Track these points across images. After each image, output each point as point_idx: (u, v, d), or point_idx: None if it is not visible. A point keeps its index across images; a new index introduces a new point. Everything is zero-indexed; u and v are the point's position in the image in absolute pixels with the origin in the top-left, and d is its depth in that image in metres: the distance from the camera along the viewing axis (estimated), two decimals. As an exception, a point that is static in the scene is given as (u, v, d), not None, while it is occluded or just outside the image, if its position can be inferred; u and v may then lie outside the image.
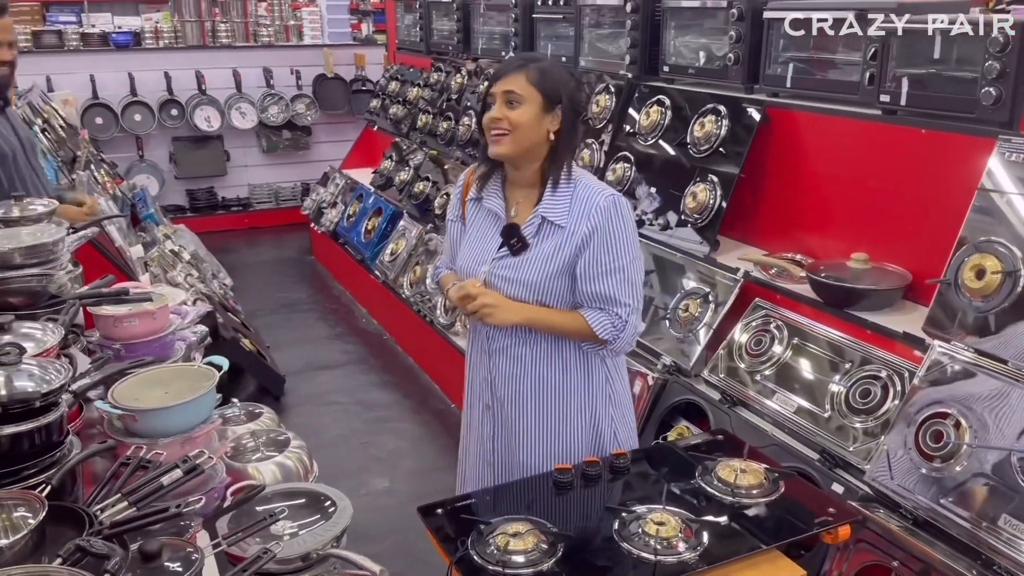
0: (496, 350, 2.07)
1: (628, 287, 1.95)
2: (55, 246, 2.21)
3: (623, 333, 1.96)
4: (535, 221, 1.96)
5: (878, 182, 2.67)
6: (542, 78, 1.91)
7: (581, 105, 2.02)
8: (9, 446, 1.47)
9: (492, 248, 1.99)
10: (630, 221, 1.97)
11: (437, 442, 3.95)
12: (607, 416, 2.13)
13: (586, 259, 1.93)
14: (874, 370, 2.36)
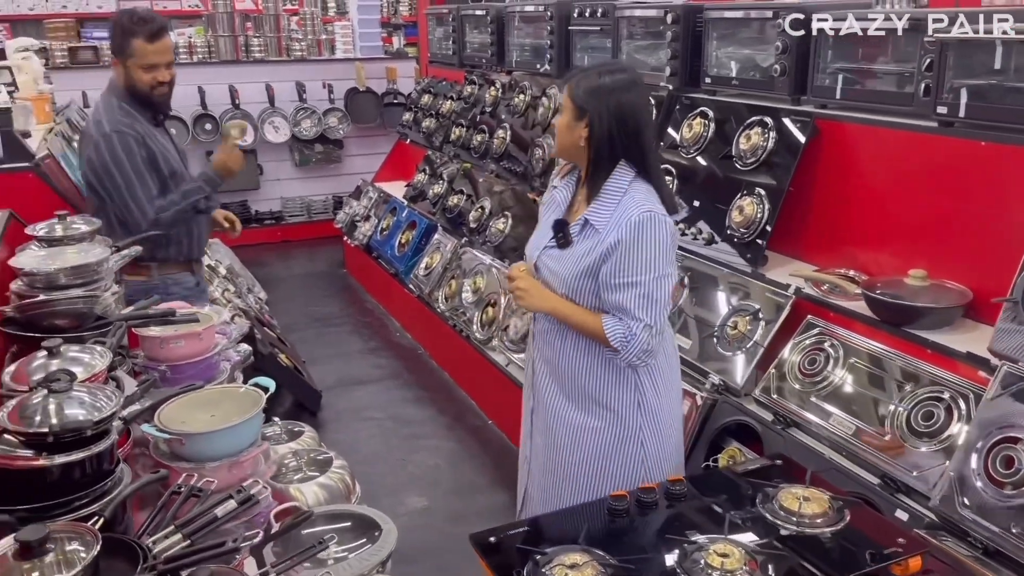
0: (539, 332, 2.23)
1: (644, 302, 2.00)
2: (99, 266, 2.20)
3: (631, 345, 2.03)
4: (580, 222, 2.08)
5: (935, 196, 2.59)
6: (577, 89, 2.05)
7: (623, 120, 2.03)
8: (59, 476, 1.44)
9: (547, 237, 2.14)
10: (661, 240, 2.00)
11: (474, 460, 3.89)
12: (635, 424, 2.15)
13: (609, 267, 2.02)
14: (936, 391, 2.28)
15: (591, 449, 2.18)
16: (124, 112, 2.83)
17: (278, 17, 7.49)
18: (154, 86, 2.82)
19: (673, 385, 2.22)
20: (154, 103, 2.87)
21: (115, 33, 2.82)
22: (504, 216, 4.52)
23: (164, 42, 2.81)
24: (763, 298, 2.84)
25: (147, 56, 2.77)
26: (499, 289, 4.14)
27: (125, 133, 2.79)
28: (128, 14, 2.81)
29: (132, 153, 2.79)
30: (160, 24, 2.81)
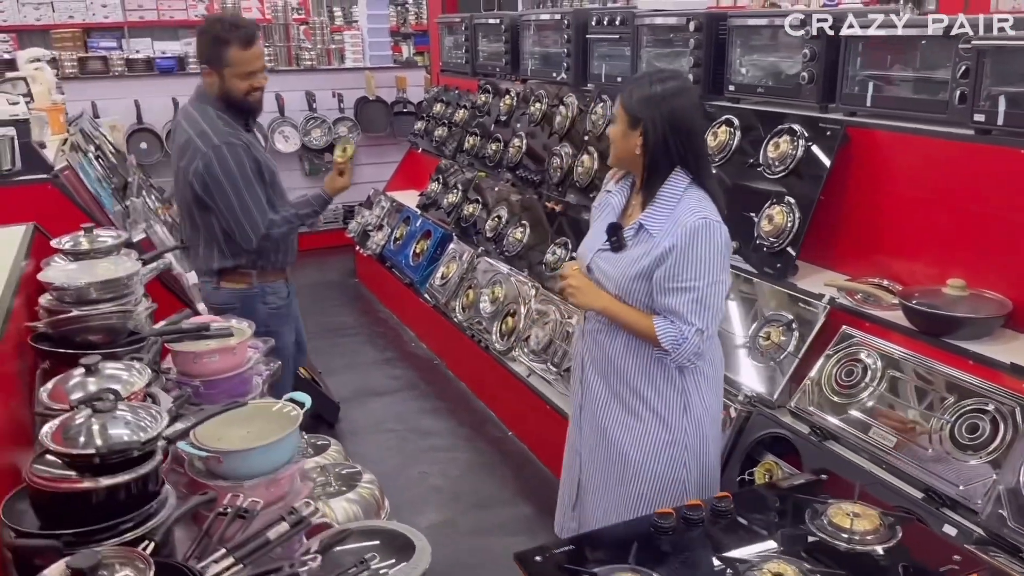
0: (588, 332, 2.29)
1: (697, 307, 2.05)
2: (130, 280, 2.17)
3: (682, 348, 2.08)
4: (635, 226, 2.13)
5: (971, 205, 2.55)
6: (630, 99, 2.10)
7: (676, 128, 2.07)
8: (105, 498, 1.40)
9: (601, 239, 2.20)
10: (716, 246, 2.05)
11: (495, 472, 3.85)
12: (679, 426, 2.19)
13: (663, 271, 2.07)
14: (980, 403, 2.23)
15: (635, 446, 2.23)
16: (225, 122, 2.83)
17: (287, 26, 7.47)
18: (250, 92, 2.82)
19: (716, 393, 2.26)
20: (249, 108, 2.88)
21: (206, 42, 2.78)
22: (521, 225, 4.49)
23: (257, 47, 2.81)
24: (796, 308, 2.80)
25: (244, 63, 2.75)
26: (519, 299, 4.10)
27: (234, 144, 2.79)
28: (218, 22, 2.80)
29: (243, 165, 2.80)
30: (252, 29, 2.79)
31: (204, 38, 2.80)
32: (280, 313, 3.07)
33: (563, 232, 4.22)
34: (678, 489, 2.22)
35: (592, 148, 4.14)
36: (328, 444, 2.85)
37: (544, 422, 3.72)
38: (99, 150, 4.60)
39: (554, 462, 3.79)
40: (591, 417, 2.32)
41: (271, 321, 3.03)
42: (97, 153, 4.41)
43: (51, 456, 1.43)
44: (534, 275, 4.18)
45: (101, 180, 3.95)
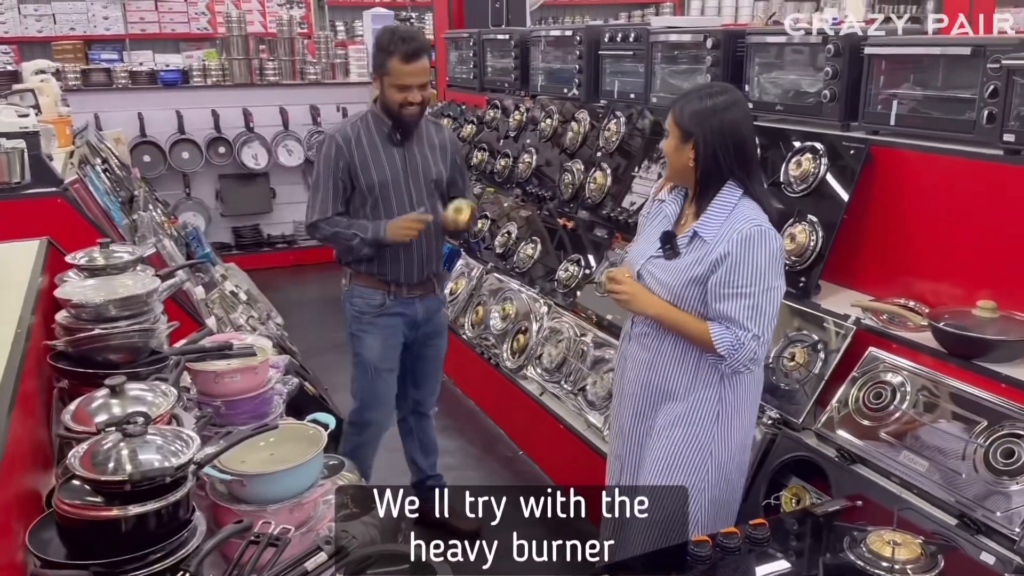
0: (635, 335, 2.31)
1: (753, 313, 2.06)
2: (149, 297, 2.11)
3: (738, 354, 2.09)
4: (689, 234, 2.16)
5: (1000, 226, 2.52)
6: (681, 114, 2.13)
7: (727, 141, 2.10)
8: (134, 527, 1.34)
9: (653, 247, 2.22)
10: (770, 253, 2.07)
11: (507, 492, 3.78)
12: (708, 434, 2.21)
13: (717, 278, 2.09)
14: (1014, 427, 2.20)
15: (664, 448, 2.25)
16: (363, 121, 2.96)
17: (292, 40, 7.46)
18: (403, 105, 2.85)
19: (750, 406, 2.28)
20: (403, 122, 2.91)
21: (376, 50, 2.89)
22: (532, 241, 4.45)
23: (420, 63, 2.84)
24: (821, 329, 2.76)
25: (401, 76, 2.82)
26: (530, 316, 4.06)
27: (333, 138, 2.95)
28: (389, 32, 2.87)
29: (329, 158, 2.93)
30: (418, 45, 2.83)
31: (376, 45, 2.90)
32: (364, 320, 3.07)
33: (576, 248, 4.18)
34: (696, 497, 2.21)
35: (605, 165, 4.11)
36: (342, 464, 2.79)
37: (556, 441, 3.66)
38: (105, 163, 4.56)
39: (566, 482, 3.74)
40: (631, 420, 2.35)
41: (353, 325, 3.12)
42: (104, 166, 4.36)
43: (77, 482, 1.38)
44: (545, 292, 4.14)
45: (109, 193, 3.90)
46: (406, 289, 3.06)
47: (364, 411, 3.24)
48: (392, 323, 3.08)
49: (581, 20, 10.40)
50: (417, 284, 3.07)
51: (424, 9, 9.25)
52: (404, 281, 3.04)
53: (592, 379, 3.50)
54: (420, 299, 3.10)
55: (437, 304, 3.20)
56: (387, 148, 2.95)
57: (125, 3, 8.55)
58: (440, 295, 3.21)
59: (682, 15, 10.61)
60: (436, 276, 3.15)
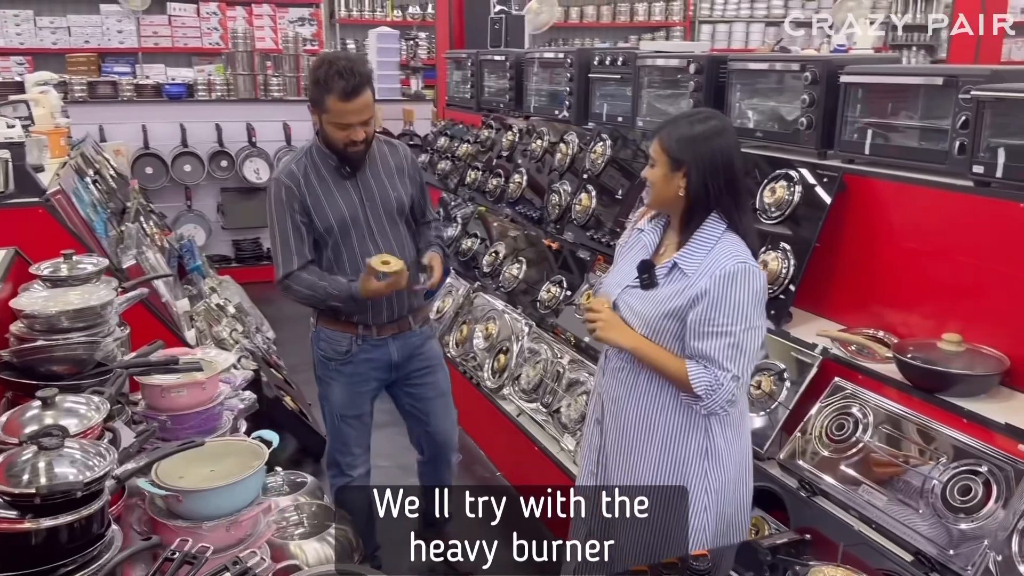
0: (610, 370, 2.23)
1: (733, 352, 1.98)
2: (103, 309, 2.12)
3: (716, 395, 2.01)
4: (668, 265, 2.09)
5: (970, 258, 2.50)
6: (670, 141, 2.04)
7: (717, 170, 2.02)
8: (45, 540, 1.35)
9: (630, 276, 2.15)
10: (753, 292, 1.99)
11: (483, 513, 3.76)
12: (700, 470, 2.11)
13: (697, 314, 2.01)
14: (973, 464, 2.16)
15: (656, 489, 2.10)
16: (308, 156, 2.71)
17: (298, 57, 7.53)
18: (347, 144, 2.63)
19: (742, 436, 2.17)
20: (348, 159, 2.68)
21: (311, 83, 2.64)
22: (518, 261, 4.45)
23: (361, 100, 2.56)
24: (788, 357, 2.74)
25: (341, 115, 2.57)
26: (511, 336, 4.05)
27: (280, 182, 2.69)
28: (326, 65, 2.57)
29: (281, 204, 2.68)
30: (358, 81, 2.54)
31: (311, 79, 2.65)
32: (330, 367, 2.88)
33: (559, 270, 4.17)
34: (697, 536, 2.10)
35: (590, 186, 4.11)
36: (305, 482, 2.78)
37: (532, 464, 3.64)
38: (98, 174, 4.60)
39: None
40: (608, 460, 2.25)
41: (319, 368, 2.94)
42: (96, 177, 4.41)
43: (-7, 494, 1.39)
44: (528, 312, 4.13)
45: (96, 205, 3.94)
46: (376, 330, 2.82)
47: (334, 453, 3.05)
48: (359, 370, 2.87)
49: (591, 43, 10.44)
50: (388, 323, 2.84)
51: (431, 29, 9.33)
52: (373, 322, 2.81)
53: (567, 401, 3.48)
54: (393, 338, 2.86)
55: (418, 339, 2.94)
56: (339, 183, 2.71)
57: (139, 17, 8.68)
58: (420, 330, 2.94)
59: (692, 39, 10.64)
60: (412, 312, 2.90)
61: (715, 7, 10.98)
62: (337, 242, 2.71)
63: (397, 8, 9.89)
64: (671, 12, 10.89)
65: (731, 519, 2.16)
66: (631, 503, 2.17)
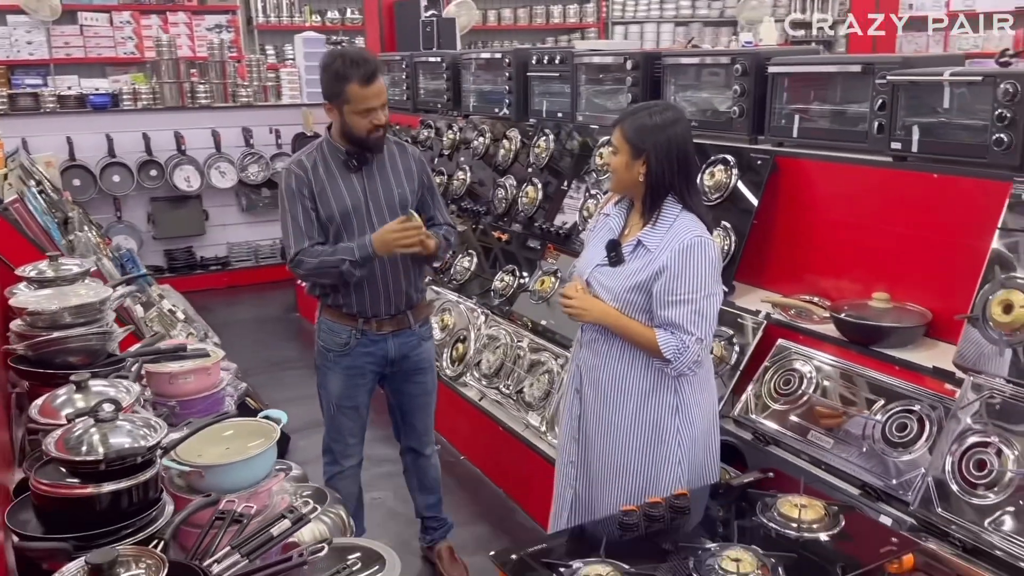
0: (586, 342, 2.43)
1: (696, 318, 2.22)
2: (102, 305, 2.21)
3: (683, 356, 2.24)
4: (633, 243, 2.31)
5: (892, 225, 2.79)
6: (632, 132, 2.27)
7: (673, 156, 2.26)
8: (108, 504, 1.45)
9: (600, 256, 2.37)
10: (709, 262, 2.24)
11: (450, 496, 3.90)
12: (672, 427, 2.34)
13: (660, 285, 2.23)
14: (907, 404, 2.44)
15: (631, 452, 2.36)
16: (319, 151, 2.82)
17: (224, 63, 7.50)
18: (370, 130, 2.73)
19: (708, 392, 2.41)
20: (370, 146, 2.78)
21: (327, 78, 2.71)
22: (468, 255, 4.61)
23: (379, 83, 2.71)
24: (735, 324, 2.99)
25: (363, 100, 2.67)
26: (468, 325, 4.21)
27: (291, 171, 2.80)
28: (340, 57, 2.70)
29: (292, 191, 2.78)
30: (374, 66, 2.70)
31: (326, 73, 2.72)
32: (329, 358, 2.96)
33: (510, 260, 4.36)
34: (672, 486, 2.29)
35: (536, 180, 4.31)
36: (289, 468, 2.88)
37: (497, 445, 3.82)
38: (40, 184, 4.56)
39: (508, 482, 3.89)
40: (589, 425, 2.44)
41: (319, 357, 3.02)
42: (39, 187, 4.38)
43: (51, 467, 1.49)
44: (482, 302, 4.30)
45: (47, 214, 3.93)
46: (375, 324, 2.90)
47: (329, 441, 3.18)
48: (357, 363, 2.95)
49: (509, 45, 10.67)
50: (387, 319, 2.91)
51: (354, 33, 9.38)
52: (372, 315, 2.88)
53: (529, 381, 3.67)
54: (393, 335, 2.94)
55: (416, 340, 3.01)
56: (345, 176, 2.81)
57: (49, 28, 8.48)
58: (418, 330, 3.01)
59: (606, 40, 10.99)
60: (412, 309, 2.97)
61: (627, 9, 11.37)
62: (339, 231, 2.81)
63: (316, 13, 9.91)
64: (585, 14, 11.23)
65: (703, 468, 2.38)
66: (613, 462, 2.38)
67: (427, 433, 3.28)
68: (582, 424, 2.47)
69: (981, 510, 2.10)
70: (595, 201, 3.80)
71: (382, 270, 2.83)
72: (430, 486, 3.34)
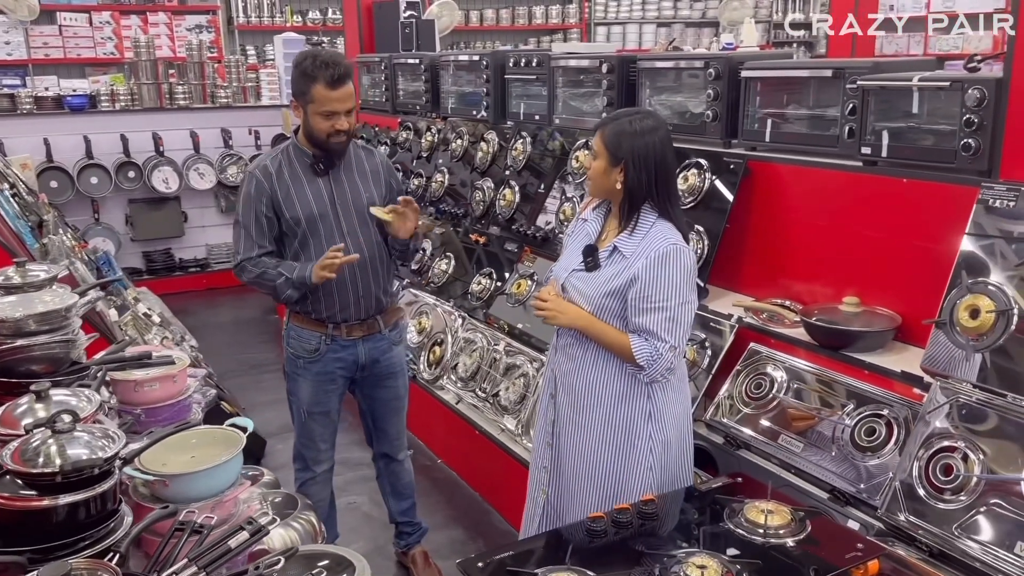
0: (560, 347, 2.43)
1: (670, 325, 2.22)
2: (68, 312, 2.18)
3: (656, 364, 2.24)
4: (610, 248, 2.31)
5: (863, 229, 2.80)
6: (612, 138, 2.27)
7: (651, 164, 2.25)
8: (65, 516, 1.44)
9: (576, 261, 2.37)
10: (684, 270, 2.24)
11: (426, 499, 3.90)
12: (644, 433, 2.33)
13: (636, 292, 2.23)
14: (876, 409, 2.46)
15: (603, 457, 2.36)
16: (284, 153, 2.82)
17: (202, 64, 7.46)
18: (331, 134, 2.71)
19: (681, 398, 2.40)
20: (330, 151, 2.77)
21: (296, 75, 2.72)
22: (446, 257, 4.61)
23: (346, 89, 2.68)
24: (707, 328, 3.00)
25: (327, 103, 2.67)
26: (445, 328, 4.21)
27: (253, 175, 2.79)
28: (312, 57, 2.69)
29: (249, 196, 2.77)
30: (343, 69, 2.68)
31: (295, 71, 2.73)
32: (299, 365, 2.95)
33: (488, 263, 4.35)
34: (644, 492, 2.28)
35: (513, 183, 4.31)
36: (261, 474, 2.87)
37: (473, 448, 3.81)
38: (13, 187, 4.52)
39: (484, 486, 3.89)
40: (562, 430, 2.44)
41: (288, 364, 3.01)
42: (13, 190, 4.34)
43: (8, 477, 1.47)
44: (459, 305, 4.30)
45: (19, 217, 3.89)
46: (345, 330, 2.90)
47: (300, 447, 3.15)
48: (327, 369, 2.94)
49: (492, 46, 10.68)
50: (357, 324, 2.91)
51: (335, 34, 9.36)
52: (341, 320, 2.88)
53: (504, 385, 3.67)
54: (363, 340, 2.94)
55: (386, 344, 3.00)
56: (311, 180, 2.80)
57: (27, 28, 8.41)
58: (389, 334, 3.01)
59: (588, 41, 11.01)
60: (382, 314, 2.97)
61: (609, 10, 11.39)
62: (305, 235, 2.79)
63: (297, 14, 9.88)
64: (567, 15, 11.25)
65: (675, 473, 2.38)
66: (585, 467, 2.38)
67: (399, 438, 3.27)
68: (556, 429, 2.47)
69: (947, 515, 2.12)
70: (572, 204, 3.80)
71: (351, 274, 2.81)
72: (403, 491, 3.33)
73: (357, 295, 2.87)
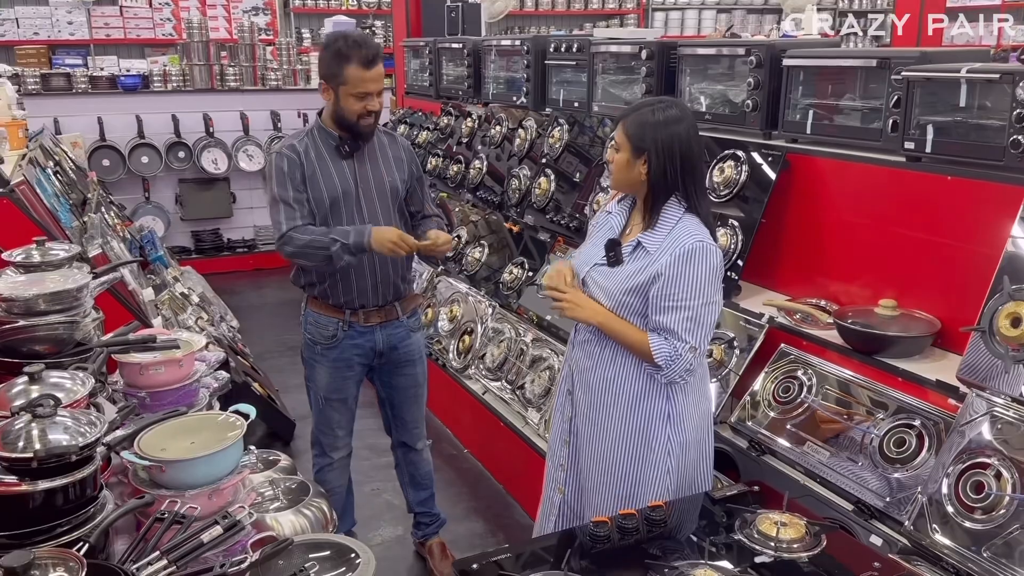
0: (579, 343, 2.35)
1: (692, 325, 2.12)
2: (79, 292, 2.18)
3: (675, 364, 2.14)
4: (633, 243, 2.22)
5: (903, 228, 2.66)
6: (634, 129, 2.17)
7: (675, 156, 2.15)
8: (42, 502, 1.43)
9: (598, 255, 2.28)
10: (711, 269, 2.13)
11: (449, 488, 3.88)
12: (663, 435, 2.24)
13: (658, 289, 2.14)
14: (907, 419, 2.33)
15: (620, 459, 2.28)
16: (310, 136, 2.81)
17: (253, 47, 7.52)
18: (362, 115, 2.71)
19: (702, 400, 2.30)
20: (357, 133, 2.77)
21: (327, 57, 2.71)
22: (480, 245, 4.55)
23: (378, 69, 2.68)
24: (737, 327, 2.89)
25: (360, 84, 2.66)
26: (476, 317, 4.16)
27: (282, 154, 2.77)
28: (342, 38, 2.69)
29: (283, 173, 2.74)
30: (376, 50, 2.68)
31: (326, 52, 2.72)
32: (316, 351, 2.93)
33: (520, 252, 4.29)
34: (660, 496, 2.22)
35: (549, 170, 4.23)
36: (278, 459, 2.87)
37: (498, 440, 3.77)
38: (58, 166, 4.60)
39: (507, 480, 3.84)
40: (579, 428, 2.37)
41: (306, 350, 2.99)
42: (56, 169, 4.41)
43: (-10, 461, 1.46)
44: (491, 294, 4.24)
45: (59, 195, 3.96)
46: (363, 316, 2.88)
47: (318, 433, 3.13)
48: (345, 356, 2.92)
49: (547, 31, 10.55)
50: (375, 310, 2.89)
51: (386, 18, 9.35)
52: (359, 306, 2.86)
53: (530, 377, 3.61)
54: (381, 327, 2.91)
55: (404, 332, 2.98)
56: (336, 162, 2.79)
57: (90, 9, 8.59)
58: (407, 321, 2.99)
59: (646, 27, 10.80)
60: (400, 300, 2.95)
61: (668, -7, 11.17)
62: (326, 216, 2.78)
63: (352, -4, 9.90)
64: (625, 0, 11.04)
65: (694, 477, 2.29)
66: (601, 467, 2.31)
67: (417, 427, 3.23)
68: (573, 427, 2.40)
69: (976, 535, 1.99)
70: (605, 195, 3.71)
71: (370, 259, 2.80)
72: (422, 481, 3.30)
73: (375, 281, 2.85)
